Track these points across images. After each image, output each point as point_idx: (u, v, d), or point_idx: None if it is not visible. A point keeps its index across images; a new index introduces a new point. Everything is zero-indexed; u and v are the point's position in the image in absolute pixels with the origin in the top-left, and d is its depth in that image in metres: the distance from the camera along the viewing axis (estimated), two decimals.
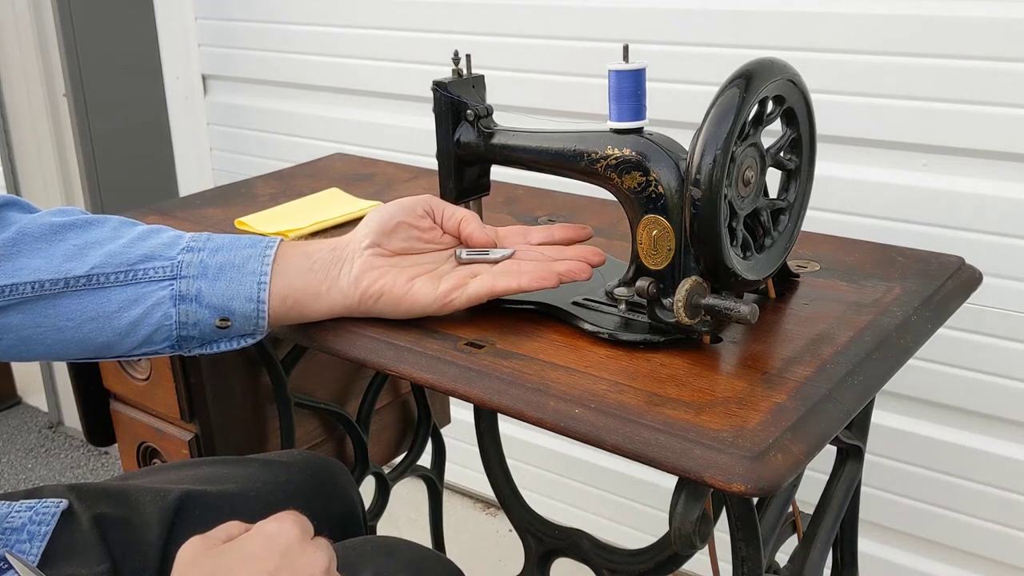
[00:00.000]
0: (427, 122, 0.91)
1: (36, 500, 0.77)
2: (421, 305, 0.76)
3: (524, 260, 0.78)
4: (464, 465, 1.80)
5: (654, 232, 0.73)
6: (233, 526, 0.64)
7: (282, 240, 0.77)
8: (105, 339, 0.75)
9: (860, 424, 0.88)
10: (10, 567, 0.68)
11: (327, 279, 0.75)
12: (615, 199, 0.77)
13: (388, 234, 0.77)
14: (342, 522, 0.96)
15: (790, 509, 0.88)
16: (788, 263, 0.82)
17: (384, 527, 1.39)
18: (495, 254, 0.79)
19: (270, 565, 0.60)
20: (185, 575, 0.61)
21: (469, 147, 0.85)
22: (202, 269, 0.74)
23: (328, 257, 0.76)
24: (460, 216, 0.80)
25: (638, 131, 0.75)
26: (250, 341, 0.77)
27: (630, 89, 0.74)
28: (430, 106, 0.86)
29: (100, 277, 0.74)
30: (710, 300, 0.69)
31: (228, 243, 0.76)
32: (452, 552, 1.50)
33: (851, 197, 1.27)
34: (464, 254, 0.79)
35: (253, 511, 0.89)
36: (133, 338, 0.75)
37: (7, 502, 0.76)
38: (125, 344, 0.76)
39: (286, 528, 0.63)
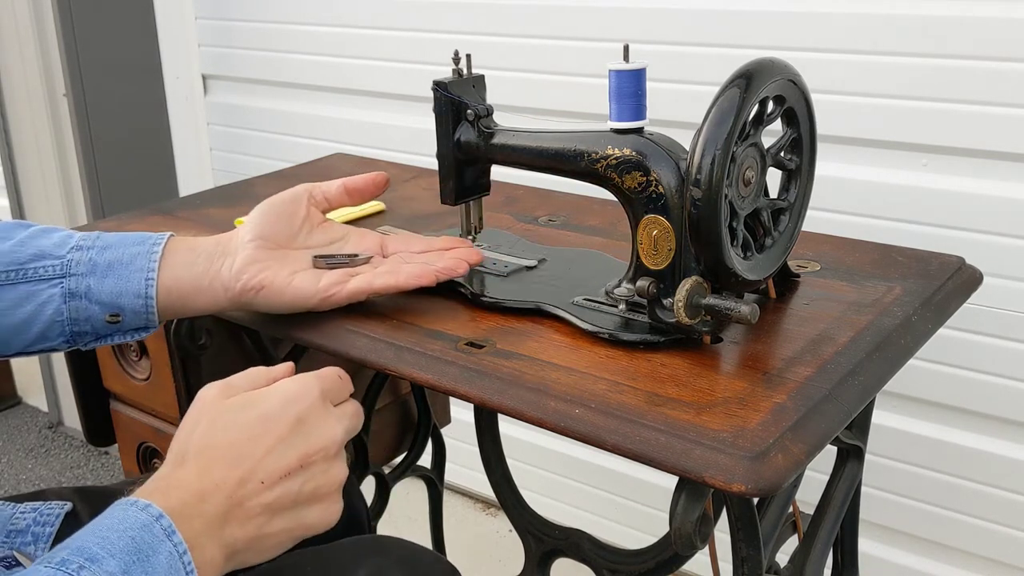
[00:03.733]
0: (427, 122, 0.91)
1: (40, 502, 0.77)
2: (302, 298, 0.77)
3: (405, 263, 0.81)
4: (464, 465, 1.80)
5: (654, 232, 0.73)
6: (258, 374, 0.66)
7: (170, 236, 0.78)
8: None
9: (860, 424, 0.87)
10: (15, 565, 0.68)
11: (209, 272, 0.77)
12: (615, 199, 0.77)
13: (269, 226, 0.79)
14: (346, 528, 0.95)
15: (790, 509, 0.88)
16: (788, 263, 0.82)
17: (384, 527, 1.38)
18: (357, 260, 0.81)
19: (283, 430, 0.61)
20: (198, 417, 0.63)
21: (469, 147, 0.85)
22: (91, 267, 0.75)
23: (212, 251, 0.78)
24: (335, 184, 0.83)
25: (638, 131, 0.75)
26: (144, 334, 0.78)
27: (630, 89, 0.74)
28: (430, 106, 0.86)
29: None
30: (710, 300, 0.69)
31: (117, 241, 0.77)
32: (452, 552, 1.50)
33: (851, 197, 1.27)
34: (324, 260, 0.80)
35: None
36: (27, 335, 0.76)
37: (12, 504, 0.76)
38: (20, 341, 0.77)
39: (308, 392, 0.63)
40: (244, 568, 0.74)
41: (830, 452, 0.79)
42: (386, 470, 1.32)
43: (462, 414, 1.51)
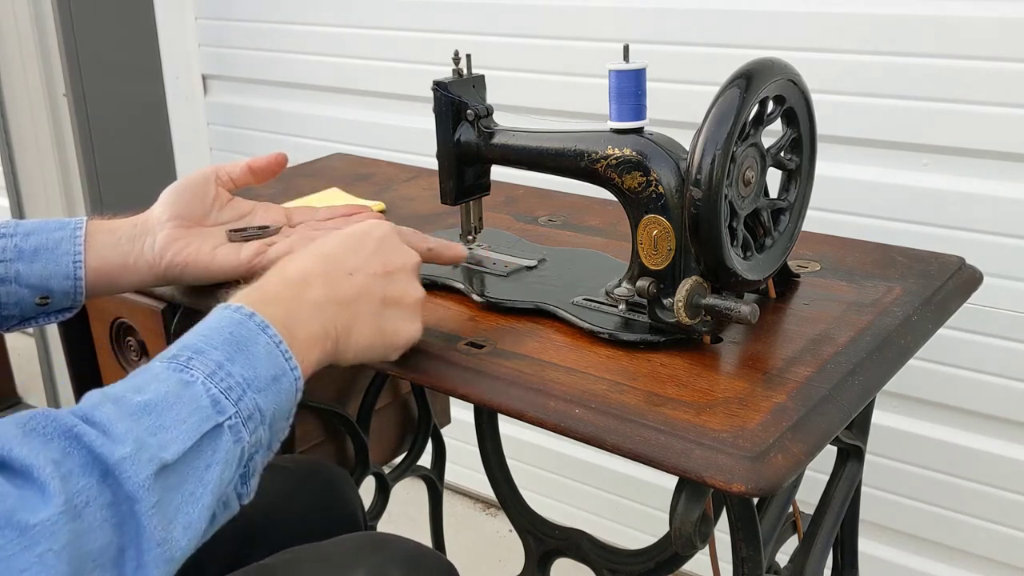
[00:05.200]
0: (427, 122, 0.91)
1: None
2: (228, 269, 0.82)
3: (314, 230, 0.86)
4: (464, 465, 1.80)
5: (654, 232, 0.73)
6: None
7: (88, 219, 0.81)
8: None
9: (860, 424, 0.87)
10: None
11: (133, 251, 0.81)
12: (615, 199, 0.77)
13: (184, 206, 0.83)
14: (343, 527, 0.96)
15: (790, 509, 0.88)
16: (788, 263, 0.82)
17: (384, 527, 1.38)
18: (268, 231, 0.85)
19: (368, 245, 0.70)
20: (287, 244, 0.74)
21: (469, 147, 0.85)
22: (17, 253, 0.78)
23: (131, 232, 0.81)
24: (239, 164, 0.87)
25: (638, 131, 0.75)
26: (67, 315, 0.82)
27: (630, 89, 0.74)
28: (430, 106, 0.86)
29: None
30: (710, 300, 0.69)
31: (37, 227, 0.80)
32: (452, 552, 1.50)
33: (851, 197, 1.27)
34: (239, 235, 0.85)
35: (254, 518, 0.89)
36: None
37: None
38: None
39: (382, 224, 0.73)
40: (244, 558, 0.75)
41: (830, 452, 0.79)
42: (386, 470, 1.32)
43: (462, 414, 1.51)
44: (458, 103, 0.85)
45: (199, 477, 0.55)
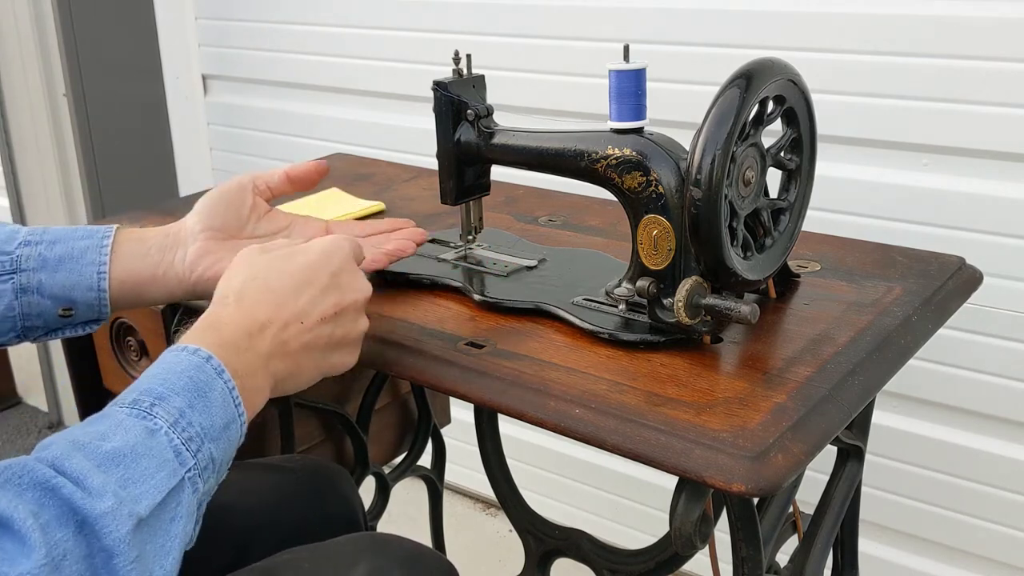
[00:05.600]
0: (427, 122, 0.91)
1: None
2: None
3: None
4: (464, 465, 1.80)
5: (654, 232, 0.73)
6: (286, 241, 0.73)
7: (117, 228, 0.79)
8: None
9: (860, 424, 0.87)
10: None
11: (162, 263, 0.78)
12: (615, 199, 0.77)
13: (219, 217, 0.80)
14: (343, 527, 0.96)
15: (790, 509, 0.88)
16: (788, 263, 0.82)
17: (384, 527, 1.38)
18: None
19: (323, 280, 0.69)
20: (237, 270, 0.69)
21: (469, 147, 0.85)
22: (41, 262, 0.76)
23: (162, 242, 0.79)
24: (277, 172, 0.84)
25: (638, 131, 0.75)
26: (95, 327, 0.80)
27: (630, 89, 0.74)
28: (430, 106, 0.86)
29: None
30: (710, 300, 0.69)
31: (65, 235, 0.78)
32: (452, 552, 1.50)
33: (851, 197, 1.27)
34: None
35: (254, 519, 0.90)
36: None
37: None
38: None
39: (342, 248, 0.71)
40: (244, 559, 0.75)
41: (830, 452, 0.79)
42: (386, 470, 1.32)
43: (462, 414, 1.51)
44: (458, 103, 0.85)
45: (167, 530, 0.55)
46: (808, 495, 0.91)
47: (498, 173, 0.89)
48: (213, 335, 0.63)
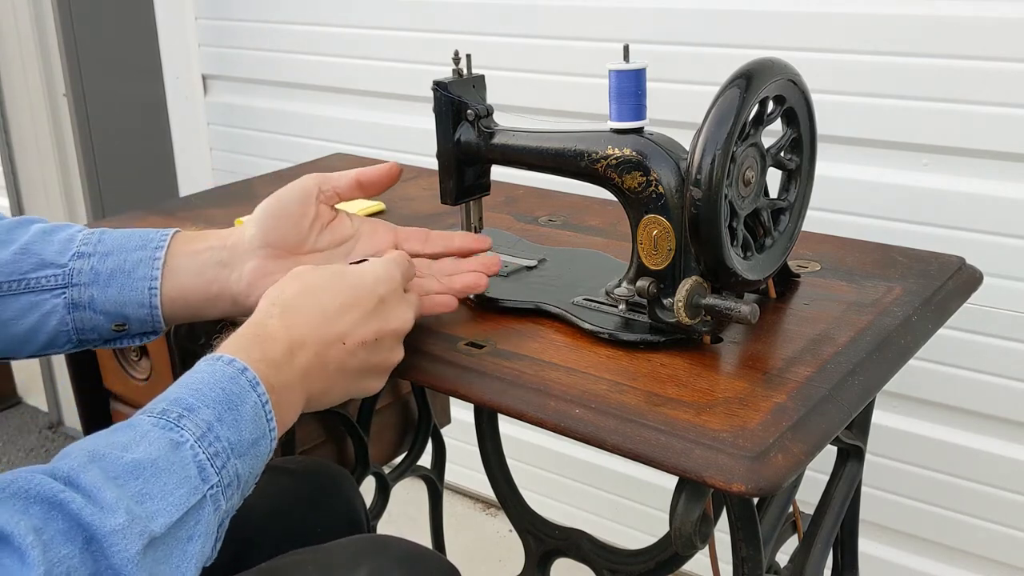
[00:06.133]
0: (427, 122, 0.90)
1: None
2: None
3: (421, 277, 0.77)
4: (464, 465, 1.80)
5: (654, 232, 0.73)
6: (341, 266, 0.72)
7: (174, 235, 0.76)
8: (5, 344, 0.76)
9: (861, 424, 0.87)
10: None
11: (217, 281, 0.75)
12: (615, 199, 0.77)
13: (278, 233, 0.76)
14: (346, 529, 0.96)
15: (790, 509, 0.88)
16: (788, 263, 0.82)
17: (384, 527, 1.38)
18: None
19: (369, 304, 0.68)
20: (291, 279, 0.68)
21: (469, 147, 0.85)
22: (93, 276, 0.74)
23: (218, 257, 0.75)
24: (346, 177, 0.79)
25: (638, 131, 0.75)
26: (152, 338, 0.78)
27: (630, 89, 0.74)
28: (430, 106, 0.86)
29: None
30: (710, 300, 0.69)
31: (119, 245, 0.75)
32: (452, 552, 1.50)
33: (851, 197, 1.27)
34: None
35: (255, 519, 0.89)
36: (34, 343, 0.76)
37: None
38: (28, 348, 0.76)
39: (392, 276, 0.70)
40: (245, 561, 0.75)
41: (830, 452, 0.79)
42: (386, 470, 1.32)
43: (462, 414, 1.51)
44: (458, 103, 0.85)
45: (183, 550, 0.53)
46: (808, 495, 0.91)
47: (498, 173, 0.89)
48: (254, 347, 0.62)
